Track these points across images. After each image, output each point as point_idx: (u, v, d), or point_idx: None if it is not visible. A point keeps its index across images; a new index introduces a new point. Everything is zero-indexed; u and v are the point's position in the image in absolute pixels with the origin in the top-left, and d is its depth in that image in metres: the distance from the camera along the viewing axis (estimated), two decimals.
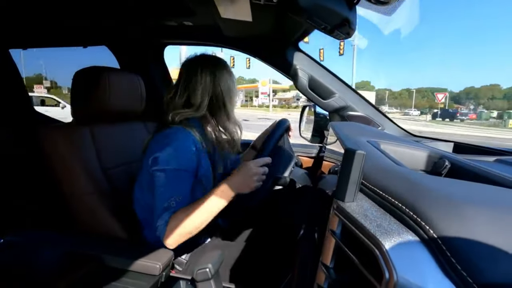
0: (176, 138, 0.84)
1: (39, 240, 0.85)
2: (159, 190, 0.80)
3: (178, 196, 0.79)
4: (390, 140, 0.70)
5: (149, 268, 0.75)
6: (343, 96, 1.22)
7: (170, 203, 0.78)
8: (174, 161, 0.81)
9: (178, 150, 0.82)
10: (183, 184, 0.82)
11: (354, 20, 0.74)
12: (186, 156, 0.82)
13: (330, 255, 0.39)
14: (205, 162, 0.90)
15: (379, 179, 0.39)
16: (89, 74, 0.99)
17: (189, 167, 0.83)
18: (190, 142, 0.84)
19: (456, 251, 0.25)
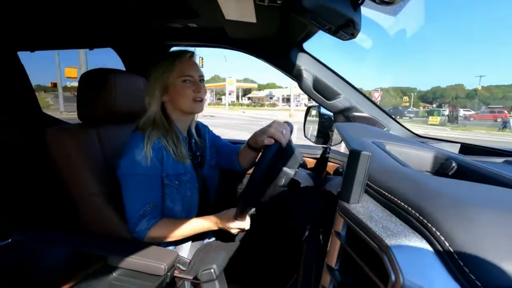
0: (131, 145, 0.88)
1: (46, 240, 0.86)
2: (129, 197, 0.86)
3: (151, 203, 0.87)
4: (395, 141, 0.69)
5: (154, 269, 0.75)
6: (348, 97, 1.21)
7: (145, 210, 0.85)
8: (134, 168, 0.85)
9: (135, 157, 0.85)
10: (151, 190, 0.88)
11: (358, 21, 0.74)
12: (144, 162, 0.85)
13: (335, 257, 0.39)
14: (171, 163, 0.91)
15: (384, 180, 0.38)
16: (95, 76, 1.01)
17: (151, 172, 0.87)
18: (144, 147, 0.85)
19: (463, 253, 0.25)
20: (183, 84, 0.91)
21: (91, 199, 0.91)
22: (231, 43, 1.33)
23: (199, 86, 0.92)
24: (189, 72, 0.92)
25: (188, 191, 0.96)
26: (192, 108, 0.94)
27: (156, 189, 0.89)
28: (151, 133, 0.87)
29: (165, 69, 0.90)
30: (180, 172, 0.93)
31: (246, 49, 1.33)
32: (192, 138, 1.05)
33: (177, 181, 0.92)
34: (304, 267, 0.65)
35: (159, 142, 0.88)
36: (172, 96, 0.93)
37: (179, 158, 0.91)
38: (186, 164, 0.95)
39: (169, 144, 0.90)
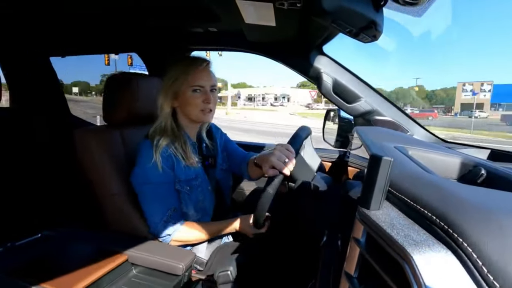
0: (142, 154, 0.90)
1: (73, 236, 0.91)
2: (149, 205, 0.90)
3: (171, 208, 0.90)
4: (419, 146, 0.67)
5: (172, 268, 0.77)
6: (369, 100, 1.18)
7: (167, 216, 0.89)
8: (147, 177, 0.89)
9: (146, 166, 0.88)
10: (168, 196, 0.91)
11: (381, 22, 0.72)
12: (155, 170, 0.87)
13: (354, 264, 0.38)
14: (181, 168, 0.93)
15: (407, 187, 0.37)
16: (120, 80, 1.05)
17: (164, 179, 0.90)
18: (154, 156, 0.87)
19: (493, 266, 0.24)
20: (193, 94, 0.90)
21: (113, 199, 0.94)
22: (250, 47, 1.34)
23: (208, 97, 0.91)
24: (200, 82, 0.90)
25: (200, 195, 0.97)
26: (199, 118, 0.93)
27: (173, 195, 0.92)
28: (159, 141, 0.88)
29: (178, 75, 0.90)
30: (191, 177, 0.95)
31: (265, 52, 1.34)
32: (203, 142, 1.06)
33: (188, 187, 0.94)
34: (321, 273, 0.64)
35: (167, 150, 0.89)
36: (181, 103, 0.93)
37: (189, 163, 0.93)
38: (196, 168, 0.96)
39: (177, 150, 0.91)
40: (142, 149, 0.90)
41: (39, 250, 0.81)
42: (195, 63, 0.91)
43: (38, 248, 0.82)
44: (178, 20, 1.16)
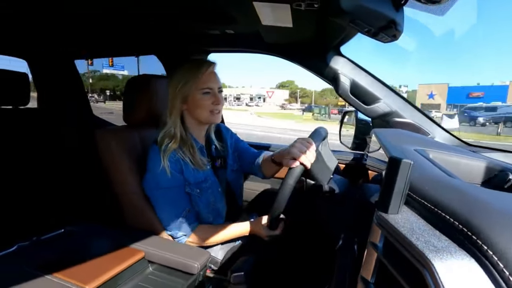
0: (151, 159, 0.92)
1: (94, 232, 0.94)
2: (162, 209, 0.93)
3: (185, 209, 0.93)
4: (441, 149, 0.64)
5: (188, 267, 0.78)
6: (388, 102, 1.15)
7: (182, 217, 0.92)
8: (158, 182, 0.91)
9: (156, 171, 0.90)
10: (180, 199, 0.93)
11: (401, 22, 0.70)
12: (164, 175, 0.89)
13: (371, 269, 0.37)
14: (190, 171, 0.94)
15: (428, 191, 0.36)
16: (139, 82, 1.08)
17: (174, 183, 0.92)
18: (162, 161, 0.88)
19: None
20: (203, 96, 0.92)
21: (131, 197, 0.97)
22: (267, 48, 1.34)
23: (218, 99, 0.93)
24: (209, 84, 0.92)
25: (211, 197, 0.98)
26: (209, 119, 0.96)
27: (184, 197, 0.94)
28: (167, 147, 0.89)
29: (187, 79, 0.91)
30: (200, 179, 0.96)
31: (282, 53, 1.33)
32: (212, 143, 1.07)
33: (198, 189, 0.95)
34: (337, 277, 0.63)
35: (175, 155, 0.91)
36: (191, 106, 0.94)
37: (197, 166, 0.94)
38: (205, 170, 0.97)
39: (185, 155, 0.93)
40: (151, 155, 0.92)
41: (62, 244, 0.85)
42: (203, 66, 0.92)
43: (61, 243, 0.86)
44: (195, 22, 1.18)
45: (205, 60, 0.97)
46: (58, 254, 0.79)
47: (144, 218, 0.97)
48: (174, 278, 0.79)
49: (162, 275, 0.81)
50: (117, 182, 0.99)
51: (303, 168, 0.81)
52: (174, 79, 0.94)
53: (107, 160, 1.00)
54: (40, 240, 0.86)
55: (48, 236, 0.88)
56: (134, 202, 0.97)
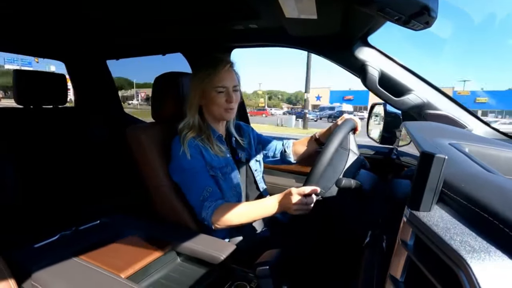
0: (172, 148, 0.98)
1: (127, 224, 0.99)
2: (187, 190, 0.96)
3: (206, 188, 0.93)
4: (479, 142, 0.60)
5: (213, 258, 0.80)
6: (419, 93, 1.09)
7: (204, 195, 0.92)
8: (180, 165, 0.95)
9: (177, 156, 0.96)
10: (202, 178, 0.95)
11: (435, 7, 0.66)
12: (185, 157, 0.94)
13: (401, 267, 0.36)
14: (212, 156, 1.00)
15: (464, 187, 0.34)
16: (166, 79, 1.11)
17: (195, 164, 0.95)
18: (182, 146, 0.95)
19: None
20: (217, 94, 0.98)
21: (162, 189, 1.02)
22: (292, 42, 1.32)
23: (231, 97, 0.98)
24: (223, 82, 0.97)
25: (234, 180, 1.03)
26: (222, 116, 1.01)
27: (207, 177, 0.96)
28: (185, 135, 0.96)
29: (204, 77, 0.97)
30: (222, 165, 1.01)
31: (307, 46, 1.31)
32: (232, 136, 1.13)
33: (220, 173, 1.00)
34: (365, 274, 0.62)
35: (194, 141, 0.97)
36: (207, 102, 1.00)
37: (216, 152, 1.00)
38: (225, 157, 1.03)
39: (204, 142, 0.99)
40: (173, 144, 0.99)
41: (99, 234, 0.91)
42: (219, 64, 0.98)
43: (98, 233, 0.92)
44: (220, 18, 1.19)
45: (222, 58, 1.01)
46: (95, 243, 0.84)
47: (173, 209, 1.01)
48: (200, 269, 0.82)
49: (190, 266, 0.84)
50: (148, 176, 1.04)
51: (352, 123, 0.97)
52: (194, 76, 1.02)
53: (138, 155, 1.05)
54: (79, 230, 0.93)
55: (86, 227, 0.95)
56: (164, 194, 1.02)
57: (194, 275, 0.80)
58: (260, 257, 0.84)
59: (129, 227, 0.96)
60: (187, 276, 0.80)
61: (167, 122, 1.10)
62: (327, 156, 0.88)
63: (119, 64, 2.01)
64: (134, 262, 0.75)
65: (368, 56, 1.14)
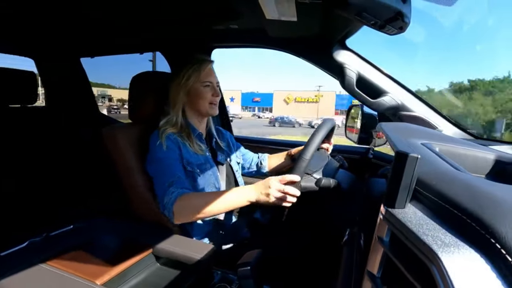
0: (150, 141, 0.98)
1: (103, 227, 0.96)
2: (156, 178, 0.94)
3: (175, 175, 0.91)
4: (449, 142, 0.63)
5: (194, 260, 0.79)
6: (394, 95, 1.14)
7: (170, 182, 0.89)
8: (154, 155, 0.95)
9: (153, 147, 0.96)
10: (173, 167, 0.93)
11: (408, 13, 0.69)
12: (160, 148, 0.94)
13: (377, 263, 0.37)
14: (190, 153, 1.00)
15: (435, 185, 0.35)
16: (144, 79, 1.08)
17: (170, 154, 0.94)
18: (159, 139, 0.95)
19: None
20: (204, 89, 1.02)
21: (138, 190, 0.99)
22: (272, 43, 1.33)
23: (217, 91, 1.05)
24: (209, 78, 1.03)
25: (212, 177, 1.03)
26: (208, 110, 1.04)
27: (178, 167, 0.95)
28: (165, 130, 0.97)
29: (191, 73, 1.01)
30: (201, 162, 1.01)
31: (287, 48, 1.32)
32: (213, 138, 1.15)
33: (198, 169, 1.00)
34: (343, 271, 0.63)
35: (173, 135, 0.98)
36: (192, 98, 1.03)
37: (195, 150, 1.00)
38: (205, 155, 1.04)
39: (183, 138, 1.00)
40: (151, 138, 0.99)
41: (72, 240, 0.86)
42: (204, 62, 1.03)
43: (71, 238, 0.88)
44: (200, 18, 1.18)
45: (206, 58, 1.06)
46: (68, 249, 0.80)
47: (150, 209, 0.99)
48: (180, 272, 0.80)
49: (169, 269, 0.82)
50: (124, 176, 1.01)
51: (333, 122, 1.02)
52: (178, 75, 1.02)
53: (115, 156, 1.01)
54: (50, 236, 0.88)
55: (58, 232, 0.90)
56: (141, 195, 1.00)
57: (174, 279, 0.78)
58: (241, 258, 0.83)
59: (105, 231, 0.93)
60: (166, 280, 0.78)
61: (145, 122, 1.08)
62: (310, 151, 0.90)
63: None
64: (110, 268, 0.72)
65: (346, 58, 1.17)
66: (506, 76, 11.13)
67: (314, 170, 0.98)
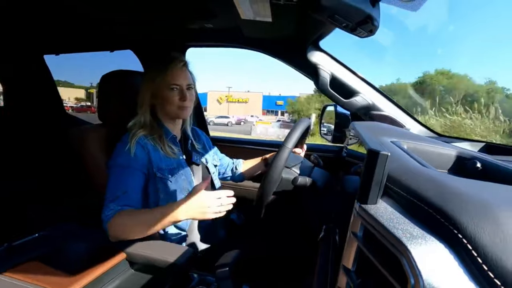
0: (119, 143, 0.92)
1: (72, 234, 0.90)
2: (108, 186, 0.86)
3: (122, 190, 0.84)
4: (415, 140, 0.67)
5: (170, 264, 0.77)
6: (366, 95, 1.18)
7: (115, 196, 0.83)
8: (116, 159, 0.89)
9: (119, 151, 0.90)
10: (127, 179, 0.87)
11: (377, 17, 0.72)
12: (127, 154, 0.88)
13: (352, 258, 0.38)
14: (162, 157, 0.95)
15: (404, 181, 0.37)
16: (114, 78, 1.04)
17: (133, 163, 0.88)
18: (129, 142, 0.89)
19: (488, 257, 0.24)
20: (170, 92, 0.95)
21: None
22: (247, 43, 1.34)
23: (184, 95, 0.96)
24: (177, 80, 0.95)
25: (185, 183, 0.98)
26: (177, 114, 0.98)
27: (132, 180, 0.87)
28: (136, 132, 0.92)
29: (156, 75, 0.95)
30: (173, 166, 0.96)
31: (262, 48, 1.33)
32: (189, 139, 1.10)
33: (170, 174, 0.94)
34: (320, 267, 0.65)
35: (144, 139, 0.92)
36: (160, 101, 0.97)
37: (168, 154, 0.95)
38: (177, 159, 0.99)
39: (155, 141, 0.94)
40: (122, 140, 0.92)
41: (37, 249, 0.81)
42: (172, 62, 0.96)
43: (36, 248, 0.82)
44: (173, 16, 1.15)
45: (176, 56, 0.98)
46: (33, 259, 0.75)
47: None
48: (157, 277, 0.78)
49: (145, 275, 0.79)
50: (95, 177, 0.96)
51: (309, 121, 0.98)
52: (146, 74, 0.98)
53: (84, 157, 0.96)
54: (12, 246, 0.81)
55: (20, 242, 0.84)
56: None
57: (150, 285, 0.76)
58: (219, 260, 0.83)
59: (73, 238, 0.88)
60: (142, 286, 0.75)
61: (116, 123, 1.03)
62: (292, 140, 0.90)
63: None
64: (80, 277, 0.69)
65: (320, 59, 1.20)
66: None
67: (293, 164, 1.00)
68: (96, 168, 0.96)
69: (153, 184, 0.92)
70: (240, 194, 1.43)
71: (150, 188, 0.92)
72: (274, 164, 0.87)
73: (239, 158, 1.35)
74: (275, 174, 0.87)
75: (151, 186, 0.92)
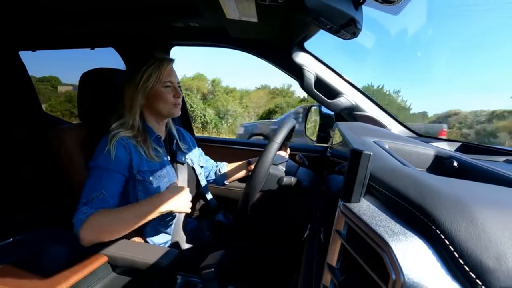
0: (99, 144, 0.89)
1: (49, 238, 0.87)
2: (84, 187, 0.83)
3: (98, 192, 0.81)
4: (396, 140, 0.69)
5: (154, 267, 0.75)
6: (349, 96, 1.21)
7: (89, 198, 0.80)
8: (95, 161, 0.86)
9: (99, 152, 0.87)
10: (104, 181, 0.84)
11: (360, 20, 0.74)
12: (106, 156, 0.85)
13: (336, 256, 0.39)
14: (144, 159, 0.92)
15: (385, 179, 0.38)
16: (96, 76, 1.01)
17: (112, 166, 0.85)
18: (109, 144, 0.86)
19: (464, 252, 0.25)
20: (165, 90, 0.96)
21: None
22: (233, 43, 1.33)
23: (178, 92, 0.98)
24: (170, 78, 0.97)
25: (169, 182, 0.97)
26: (171, 111, 0.98)
27: (110, 182, 0.85)
28: (118, 133, 0.89)
29: (150, 73, 0.94)
30: (155, 168, 0.94)
31: (247, 48, 1.33)
32: (174, 139, 1.09)
33: (151, 177, 0.92)
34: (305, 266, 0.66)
35: (126, 140, 0.89)
36: (152, 100, 0.96)
37: (151, 157, 0.93)
38: (162, 161, 0.97)
39: (138, 143, 0.92)
40: (101, 141, 0.89)
41: (12, 254, 0.77)
42: (164, 61, 0.96)
43: (11, 253, 0.78)
44: (157, 14, 1.13)
45: (165, 57, 0.99)
46: (8, 265, 0.72)
47: None
48: (140, 280, 0.76)
49: (127, 278, 0.78)
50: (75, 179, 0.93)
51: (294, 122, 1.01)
52: (135, 75, 0.94)
53: (63, 158, 0.93)
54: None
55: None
56: None
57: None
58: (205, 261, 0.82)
59: (51, 242, 0.84)
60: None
61: (96, 123, 1.00)
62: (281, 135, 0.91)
63: None
64: (58, 282, 0.66)
65: (305, 60, 1.22)
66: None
67: (279, 162, 1.01)
68: (75, 169, 0.93)
69: (133, 186, 0.90)
70: (226, 194, 1.42)
71: (129, 189, 0.90)
72: (263, 158, 0.88)
73: (223, 158, 1.35)
74: (263, 167, 0.87)
75: (130, 187, 0.90)
